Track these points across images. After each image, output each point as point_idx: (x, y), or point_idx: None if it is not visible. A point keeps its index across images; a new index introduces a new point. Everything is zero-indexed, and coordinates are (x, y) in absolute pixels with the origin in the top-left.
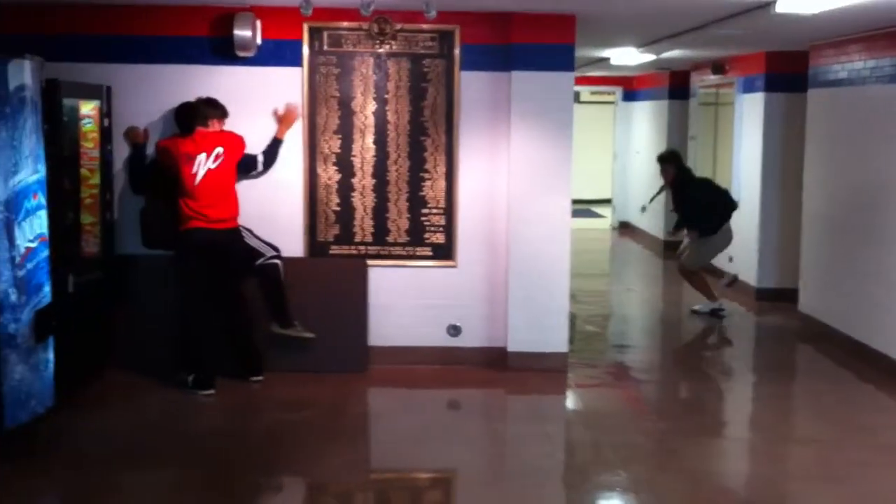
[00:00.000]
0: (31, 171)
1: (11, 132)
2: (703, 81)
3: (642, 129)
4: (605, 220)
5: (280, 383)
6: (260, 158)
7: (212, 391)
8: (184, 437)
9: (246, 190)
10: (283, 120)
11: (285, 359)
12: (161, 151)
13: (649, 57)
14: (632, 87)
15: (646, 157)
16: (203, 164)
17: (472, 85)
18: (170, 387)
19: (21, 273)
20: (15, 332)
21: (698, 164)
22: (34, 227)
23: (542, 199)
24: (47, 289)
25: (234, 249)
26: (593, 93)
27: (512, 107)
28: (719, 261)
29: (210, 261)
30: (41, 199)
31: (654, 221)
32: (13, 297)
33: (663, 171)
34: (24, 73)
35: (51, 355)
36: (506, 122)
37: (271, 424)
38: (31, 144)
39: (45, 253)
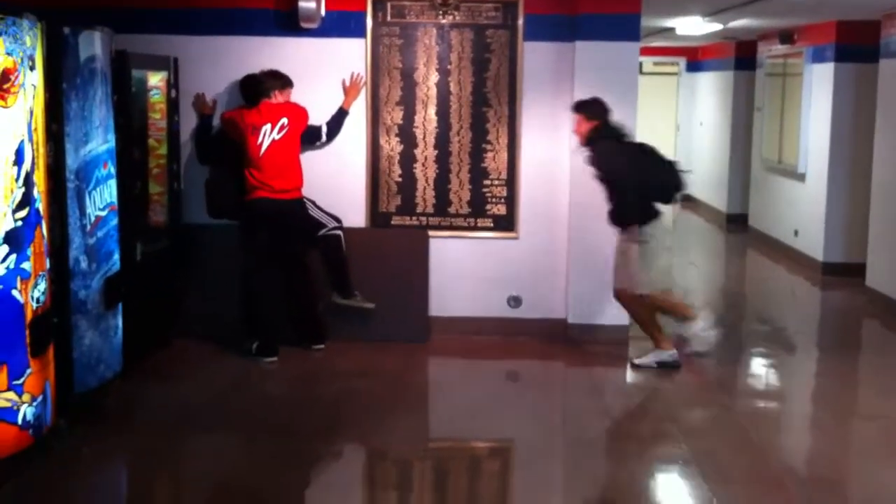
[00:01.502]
0: (102, 141)
1: (82, 102)
2: (770, 51)
3: (706, 100)
4: None
5: (342, 352)
6: (324, 129)
7: (275, 358)
8: (247, 404)
9: (309, 161)
10: (350, 90)
11: (347, 328)
12: (226, 122)
13: (716, 26)
14: (696, 58)
15: (709, 129)
16: (268, 135)
17: (535, 55)
18: (234, 354)
19: (91, 241)
20: (85, 298)
21: (765, 137)
22: (104, 196)
23: None
24: (116, 257)
25: (297, 219)
26: (656, 63)
27: (576, 78)
28: (782, 233)
29: (274, 230)
30: (111, 168)
31: (717, 194)
32: (83, 265)
33: (574, 124)
34: (94, 45)
35: (119, 322)
36: (569, 93)
37: (333, 392)
38: (101, 115)
39: (115, 221)
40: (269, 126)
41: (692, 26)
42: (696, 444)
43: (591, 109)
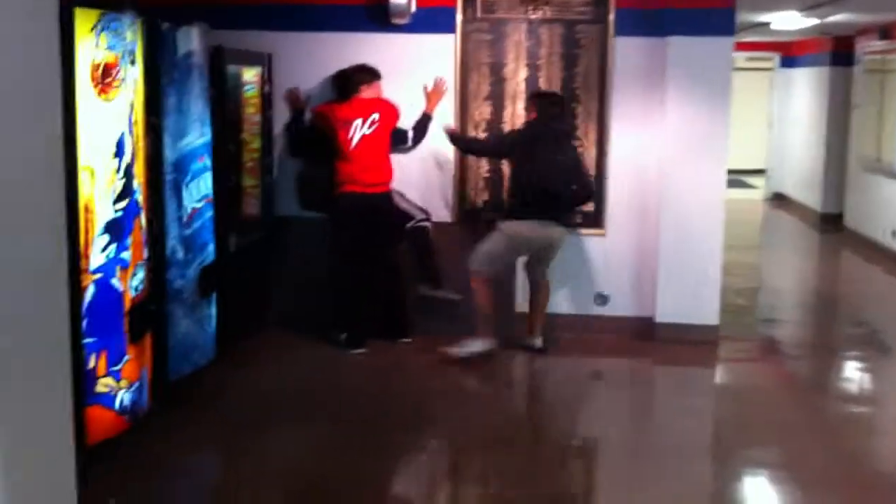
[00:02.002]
0: (198, 135)
1: (180, 97)
2: (868, 47)
3: (801, 96)
4: (757, 191)
5: (428, 346)
6: (410, 134)
7: (363, 350)
8: (334, 395)
9: (398, 156)
10: (432, 95)
11: (434, 323)
12: (318, 116)
13: (812, 21)
14: (790, 53)
15: (804, 126)
16: (359, 130)
17: (625, 51)
18: (323, 345)
19: (187, 232)
20: (181, 287)
21: (862, 134)
22: (200, 189)
23: (697, 168)
24: (211, 247)
25: (386, 213)
26: (749, 59)
27: (668, 73)
28: (879, 233)
29: (363, 223)
30: (207, 161)
31: (811, 192)
32: (180, 255)
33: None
34: (191, 40)
35: (213, 311)
36: (660, 89)
37: (418, 386)
38: (198, 109)
39: (210, 213)
40: (359, 121)
41: (788, 21)
42: (788, 447)
43: (537, 104)
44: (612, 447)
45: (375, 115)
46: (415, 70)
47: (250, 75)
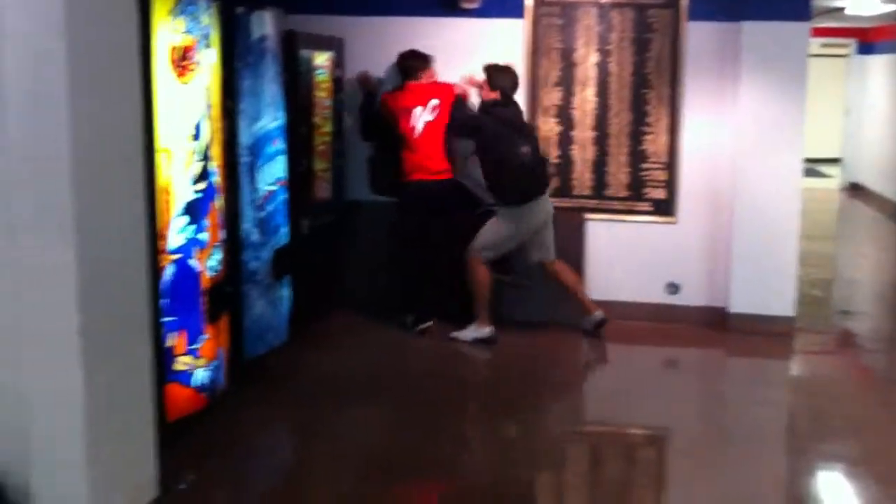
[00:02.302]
0: (272, 119)
1: (254, 80)
2: None
3: (879, 84)
4: (831, 180)
5: (499, 332)
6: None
7: (430, 323)
8: (401, 377)
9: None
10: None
11: (502, 309)
12: (382, 105)
13: (891, 6)
14: (867, 40)
15: (883, 114)
16: (420, 117)
17: (698, 36)
18: (392, 328)
19: (262, 214)
20: (256, 269)
21: None
22: (274, 172)
23: (772, 156)
24: (285, 230)
25: (455, 199)
26: (824, 45)
27: (742, 59)
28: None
29: (432, 210)
30: (280, 144)
31: (888, 182)
32: (255, 237)
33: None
34: (265, 25)
35: (287, 292)
36: (733, 74)
37: (486, 371)
38: (271, 92)
39: (284, 196)
40: (419, 108)
41: (865, 6)
42: (864, 441)
43: (500, 80)
44: (683, 437)
45: (435, 101)
46: (484, 55)
47: (322, 59)
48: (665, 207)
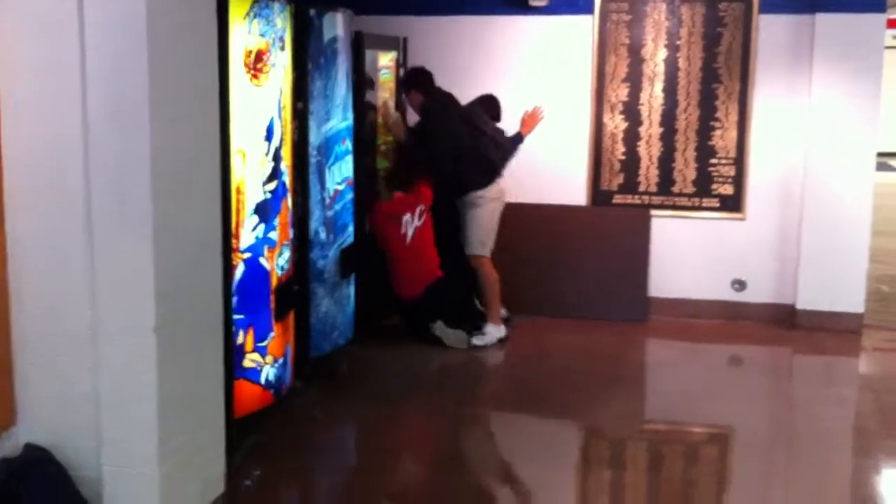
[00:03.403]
0: (341, 119)
1: (325, 82)
2: None
3: None
4: None
5: (559, 329)
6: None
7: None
8: (464, 375)
9: (530, 139)
10: (528, 120)
11: (564, 305)
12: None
13: None
14: None
15: None
16: (410, 225)
17: (770, 29)
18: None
19: (329, 213)
20: (323, 267)
21: None
22: (342, 171)
23: (844, 151)
24: (351, 229)
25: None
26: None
27: (815, 52)
28: None
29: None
30: (349, 144)
31: None
32: (322, 236)
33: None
34: (336, 26)
35: (352, 291)
36: (806, 68)
37: (548, 368)
38: (341, 93)
39: (351, 195)
40: (409, 216)
41: None
42: None
43: (422, 82)
44: (748, 436)
45: (421, 208)
46: (552, 52)
47: (386, 60)
48: (733, 203)
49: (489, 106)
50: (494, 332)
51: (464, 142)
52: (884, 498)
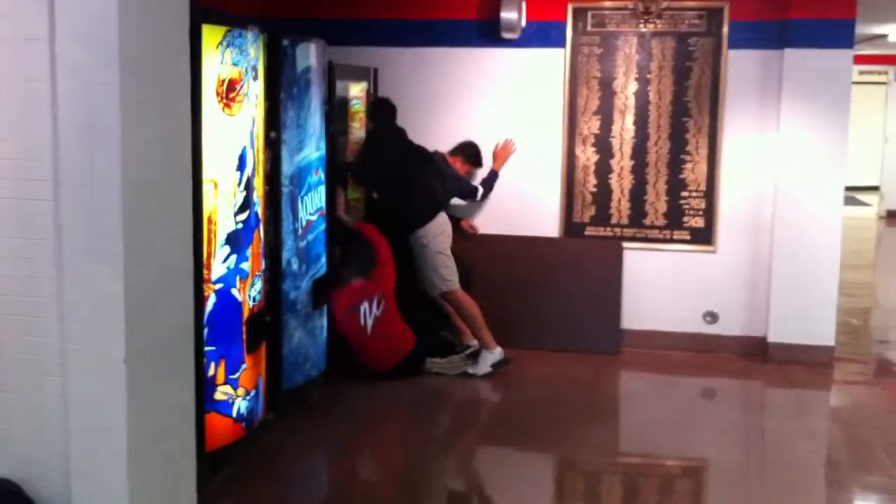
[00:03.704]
0: (314, 149)
1: (298, 111)
2: None
3: None
4: (870, 209)
5: (532, 360)
6: (480, 190)
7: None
8: (439, 407)
9: (505, 171)
10: (500, 153)
11: (537, 337)
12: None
13: None
14: None
15: None
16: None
17: (739, 64)
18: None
19: (302, 244)
20: (295, 298)
21: None
22: (314, 202)
23: (813, 184)
24: (324, 259)
25: None
26: (862, 72)
27: (783, 87)
28: None
29: None
30: (321, 175)
31: None
32: (294, 266)
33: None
34: (310, 56)
35: (325, 322)
36: (775, 102)
37: (523, 400)
38: (314, 123)
39: (323, 226)
40: (366, 306)
41: None
42: None
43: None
44: (722, 468)
45: (379, 295)
46: (524, 84)
47: (356, 90)
48: (703, 236)
49: (468, 152)
50: (485, 361)
51: (402, 166)
52: None
